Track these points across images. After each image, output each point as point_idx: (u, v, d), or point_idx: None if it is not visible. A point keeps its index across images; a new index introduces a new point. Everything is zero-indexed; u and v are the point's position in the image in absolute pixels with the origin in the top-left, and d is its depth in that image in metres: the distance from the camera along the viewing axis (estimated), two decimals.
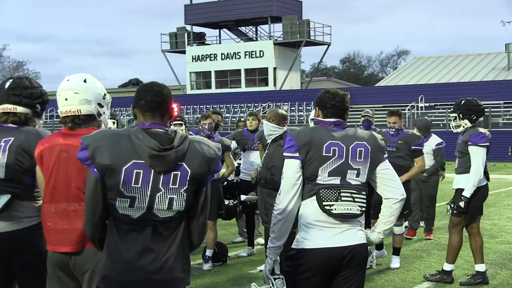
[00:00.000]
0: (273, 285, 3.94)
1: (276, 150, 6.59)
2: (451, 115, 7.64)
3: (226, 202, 8.84)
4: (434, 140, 10.71)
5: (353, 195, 3.95)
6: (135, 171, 3.21)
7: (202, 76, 54.14)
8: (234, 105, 45.35)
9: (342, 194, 3.92)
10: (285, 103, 43.21)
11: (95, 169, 3.23)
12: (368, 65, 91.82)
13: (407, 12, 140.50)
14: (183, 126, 10.23)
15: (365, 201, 4.00)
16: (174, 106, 12.11)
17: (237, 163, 9.73)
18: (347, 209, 3.91)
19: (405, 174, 8.10)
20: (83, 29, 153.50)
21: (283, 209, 3.93)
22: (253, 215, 9.39)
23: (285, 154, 4.00)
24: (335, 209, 3.89)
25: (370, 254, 8.23)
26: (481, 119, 7.61)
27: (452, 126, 7.62)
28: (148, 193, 3.23)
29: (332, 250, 3.92)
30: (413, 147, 8.34)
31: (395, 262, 8.41)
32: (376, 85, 55.15)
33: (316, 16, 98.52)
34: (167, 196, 3.25)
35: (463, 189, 7.33)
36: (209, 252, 8.51)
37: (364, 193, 4.01)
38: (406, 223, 11.11)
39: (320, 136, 3.97)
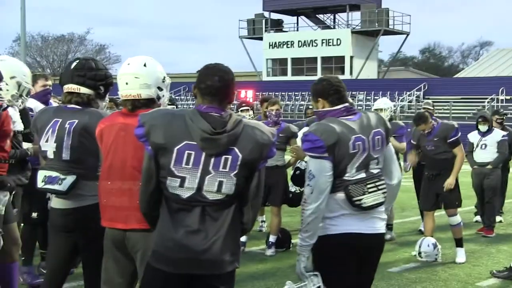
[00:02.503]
0: (310, 282, 3.94)
1: None
2: None
3: (293, 189, 8.82)
4: (497, 133, 10.46)
5: (377, 184, 4.02)
6: (186, 152, 3.25)
7: (278, 63, 54.15)
8: (310, 93, 45.16)
9: (368, 186, 3.98)
10: (361, 92, 42.82)
11: (150, 147, 3.30)
12: (449, 55, 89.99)
13: (491, 2, 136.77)
14: (250, 112, 10.28)
15: (385, 185, 4.07)
16: (250, 92, 12.20)
17: None
18: (375, 199, 3.99)
19: (452, 174, 8.16)
20: (163, 14, 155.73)
21: (316, 208, 3.91)
22: None
23: (311, 154, 3.93)
24: (364, 202, 3.95)
25: (436, 248, 8.12)
26: None
27: None
28: (198, 174, 3.26)
29: (362, 235, 4.00)
30: (449, 141, 8.22)
31: (460, 255, 8.25)
32: (455, 76, 54.03)
33: (395, 4, 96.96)
34: (216, 179, 3.27)
35: None
36: (272, 238, 8.54)
37: (383, 178, 4.09)
38: (477, 218, 10.91)
39: (344, 132, 3.93)
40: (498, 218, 10.99)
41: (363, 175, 3.96)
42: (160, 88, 4.03)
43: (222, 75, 3.35)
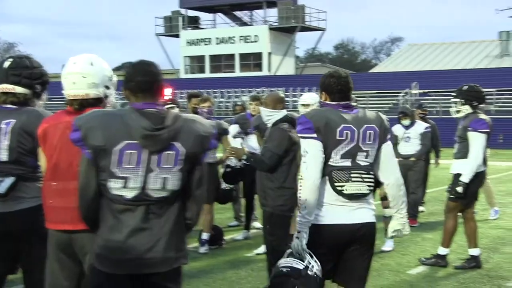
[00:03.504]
0: (311, 257, 4.01)
1: (274, 133, 6.35)
2: (452, 100, 7.67)
3: (224, 186, 8.86)
4: (420, 125, 10.80)
5: (362, 176, 4.13)
6: (128, 151, 3.21)
7: (196, 61, 54.02)
8: (228, 90, 45.31)
9: (352, 175, 4.10)
10: (279, 88, 43.08)
11: (88, 150, 3.24)
12: (362, 51, 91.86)
13: None
14: (176, 109, 10.25)
15: (373, 180, 4.19)
16: (169, 90, 11.89)
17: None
18: (358, 189, 4.11)
19: None
20: (75, 12, 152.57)
21: (312, 183, 4.04)
22: (252, 199, 9.37)
23: (302, 134, 4.11)
24: (346, 189, 4.08)
25: None
26: (483, 105, 7.65)
27: (453, 111, 7.66)
28: (141, 173, 3.23)
29: (344, 226, 4.11)
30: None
31: (388, 245, 8.51)
32: (369, 71, 55.17)
33: (311, 1, 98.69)
34: (160, 176, 3.25)
35: (461, 174, 7.40)
36: (205, 235, 8.54)
37: (372, 173, 4.20)
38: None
39: (334, 119, 4.09)
40: (420, 208, 11.34)
41: (348, 163, 4.08)
42: (107, 87, 3.96)
43: (149, 69, 3.34)
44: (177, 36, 54.20)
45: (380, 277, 7.15)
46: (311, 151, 4.04)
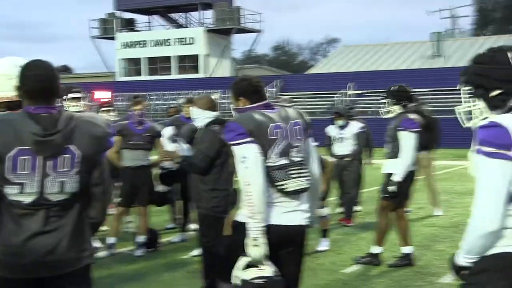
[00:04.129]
0: (268, 267, 3.95)
1: (205, 135, 6.33)
2: (382, 101, 7.80)
3: (159, 188, 8.82)
4: (354, 126, 10.91)
5: (300, 171, 4.12)
6: (20, 158, 3.13)
7: (132, 63, 53.59)
8: (165, 92, 45.05)
9: (290, 172, 4.07)
10: (216, 91, 43.09)
11: None
12: (299, 52, 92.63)
13: (337, 1, 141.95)
14: (112, 112, 10.16)
15: (308, 173, 4.19)
16: (108, 93, 11.80)
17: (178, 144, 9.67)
18: (298, 185, 4.08)
19: None
20: (5, 12, 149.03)
21: (258, 185, 3.89)
22: (189, 201, 9.29)
23: (236, 141, 3.97)
24: (288, 187, 4.04)
25: None
26: (411, 105, 7.78)
27: (382, 112, 7.79)
28: (37, 178, 3.17)
29: (284, 227, 4.07)
30: None
31: (323, 244, 8.60)
32: (307, 72, 55.64)
33: (246, 3, 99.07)
34: (57, 180, 3.19)
35: (392, 174, 7.51)
36: (141, 238, 8.49)
37: (306, 167, 4.20)
38: (340, 209, 11.30)
39: (263, 119, 4.06)
40: (356, 208, 11.47)
41: (285, 161, 4.05)
42: None
43: (41, 73, 3.24)
44: (112, 38, 53.66)
45: (315, 277, 7.20)
46: (250, 156, 3.93)
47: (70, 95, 8.54)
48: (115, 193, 9.02)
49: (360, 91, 39.82)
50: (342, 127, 10.84)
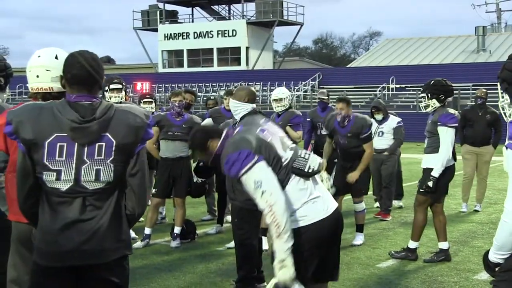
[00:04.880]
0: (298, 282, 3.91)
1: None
2: (421, 95, 7.73)
3: (195, 179, 8.85)
4: (393, 120, 10.85)
5: (303, 155, 4.16)
6: (58, 144, 3.19)
7: (174, 55, 53.90)
8: (206, 84, 45.28)
9: (301, 155, 4.12)
10: (257, 83, 43.19)
11: (21, 144, 3.23)
12: (341, 46, 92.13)
13: None
14: (153, 104, 10.24)
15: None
16: (146, 84, 11.91)
17: None
18: (314, 163, 4.10)
19: (358, 168, 8.42)
20: (49, 5, 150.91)
21: (283, 203, 3.83)
22: (225, 193, 9.29)
23: (245, 169, 3.89)
24: (313, 166, 4.07)
25: None
26: (450, 99, 7.71)
27: (422, 107, 7.71)
28: (74, 165, 3.21)
29: (325, 220, 4.05)
30: (361, 136, 8.47)
31: (358, 239, 8.58)
32: (348, 66, 55.35)
33: None
34: (93, 168, 3.23)
35: (431, 169, 7.45)
36: (177, 230, 8.55)
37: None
38: (377, 204, 11.25)
39: (256, 124, 4.23)
40: (398, 203, 11.37)
41: (290, 150, 4.10)
42: None
43: (87, 62, 3.28)
44: (155, 30, 54.02)
45: (349, 271, 7.19)
46: (263, 176, 3.84)
47: (112, 86, 8.66)
48: (151, 184, 9.13)
49: (401, 85, 39.48)
50: (380, 122, 10.78)
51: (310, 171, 4.03)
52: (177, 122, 8.50)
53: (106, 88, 8.74)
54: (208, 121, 9.32)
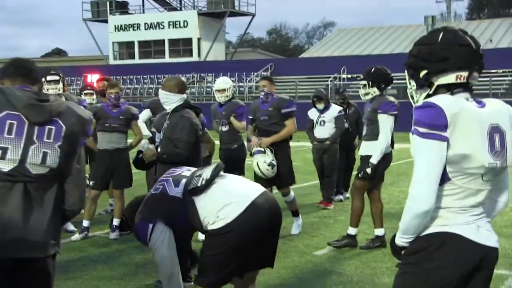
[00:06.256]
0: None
1: (180, 121, 6.19)
2: (361, 82, 7.73)
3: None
4: (334, 109, 10.86)
5: None
6: (8, 121, 3.19)
7: (125, 46, 53.41)
8: (158, 76, 44.98)
9: None
10: (209, 74, 43.10)
11: None
12: (295, 36, 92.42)
13: None
14: (94, 96, 10.14)
15: None
16: (95, 76, 11.70)
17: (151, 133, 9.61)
18: (207, 175, 4.71)
19: (272, 136, 8.28)
20: None
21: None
22: None
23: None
24: (203, 179, 4.69)
25: None
26: (389, 88, 7.76)
27: (361, 94, 7.72)
28: (22, 144, 3.20)
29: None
30: (283, 111, 8.38)
31: (295, 226, 8.57)
32: (300, 56, 55.54)
33: None
34: (41, 150, 3.23)
35: (370, 156, 7.50)
36: (116, 221, 8.47)
37: None
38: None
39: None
40: (342, 197, 11.28)
41: (184, 179, 4.78)
42: None
43: (25, 62, 3.44)
44: (105, 21, 53.44)
45: (286, 259, 7.20)
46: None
47: (48, 78, 8.51)
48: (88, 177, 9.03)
49: (352, 75, 39.77)
50: (322, 111, 10.79)
51: (203, 183, 4.51)
52: (114, 113, 8.42)
53: (43, 79, 8.61)
54: (146, 112, 9.24)
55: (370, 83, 7.58)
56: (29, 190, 3.23)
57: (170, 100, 6.25)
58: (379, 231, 7.76)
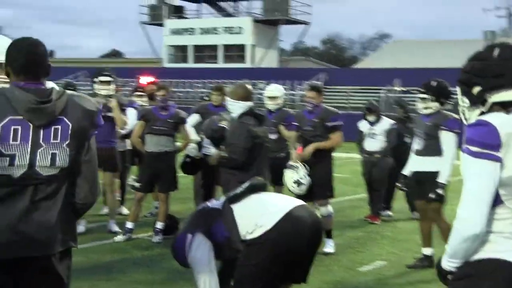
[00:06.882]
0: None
1: (238, 128, 6.32)
2: (421, 96, 7.47)
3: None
4: (386, 122, 10.61)
5: None
6: (12, 127, 3.09)
7: (179, 50, 53.81)
8: (211, 81, 45.13)
9: None
10: (261, 81, 43.04)
11: None
12: (350, 47, 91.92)
13: None
14: (144, 98, 10.16)
15: None
16: (147, 78, 11.70)
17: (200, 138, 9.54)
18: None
19: (315, 144, 7.99)
20: None
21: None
22: (211, 190, 9.05)
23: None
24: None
25: None
26: (448, 104, 7.47)
27: (420, 108, 7.46)
28: (29, 149, 3.11)
29: None
30: (329, 124, 8.07)
31: (328, 246, 8.00)
32: (354, 66, 55.20)
33: None
34: (49, 152, 3.15)
35: (428, 172, 7.24)
36: (159, 225, 8.43)
37: None
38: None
39: None
40: (390, 213, 10.90)
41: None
42: None
43: (30, 50, 3.21)
44: (161, 25, 53.92)
45: (328, 273, 7.04)
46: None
47: (101, 78, 8.55)
48: (135, 178, 9.02)
49: (407, 88, 39.27)
50: (373, 123, 10.56)
51: (242, 190, 4.83)
52: (163, 116, 8.39)
53: (95, 80, 8.65)
54: (194, 116, 9.17)
55: (433, 97, 7.32)
56: (39, 191, 3.16)
57: (236, 107, 6.36)
58: (427, 251, 7.51)
